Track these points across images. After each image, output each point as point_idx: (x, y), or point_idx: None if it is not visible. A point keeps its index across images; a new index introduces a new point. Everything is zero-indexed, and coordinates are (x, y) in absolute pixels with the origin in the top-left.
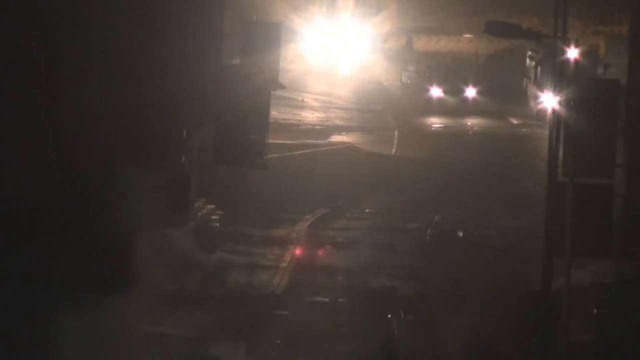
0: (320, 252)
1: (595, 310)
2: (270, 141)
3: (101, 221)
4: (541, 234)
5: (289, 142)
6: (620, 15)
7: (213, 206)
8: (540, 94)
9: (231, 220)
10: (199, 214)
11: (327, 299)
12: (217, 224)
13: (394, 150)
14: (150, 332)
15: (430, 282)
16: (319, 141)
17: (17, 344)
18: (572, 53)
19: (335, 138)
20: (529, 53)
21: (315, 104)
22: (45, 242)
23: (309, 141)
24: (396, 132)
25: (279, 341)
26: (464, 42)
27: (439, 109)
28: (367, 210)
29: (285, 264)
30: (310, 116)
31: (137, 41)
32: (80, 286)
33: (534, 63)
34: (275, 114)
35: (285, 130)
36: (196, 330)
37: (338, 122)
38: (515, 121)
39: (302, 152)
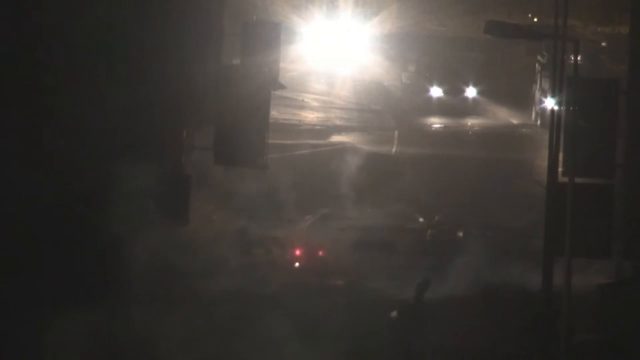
0: (320, 253)
1: (595, 310)
2: (270, 141)
3: (100, 221)
4: (541, 234)
5: (289, 142)
6: (620, 15)
7: (213, 206)
8: (543, 99)
9: (231, 221)
10: (199, 214)
11: (325, 299)
12: (217, 224)
13: (394, 150)
14: (148, 332)
15: (429, 282)
16: (319, 141)
17: (15, 343)
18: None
19: (336, 138)
20: (538, 57)
21: (315, 104)
22: (43, 242)
23: (309, 141)
24: (396, 132)
25: (277, 341)
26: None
27: (439, 109)
28: (367, 210)
29: (285, 264)
30: (311, 116)
31: (137, 41)
32: (79, 286)
33: (539, 67)
34: (275, 114)
35: (285, 130)
36: (195, 329)
37: (338, 122)
38: (515, 122)
39: (302, 152)
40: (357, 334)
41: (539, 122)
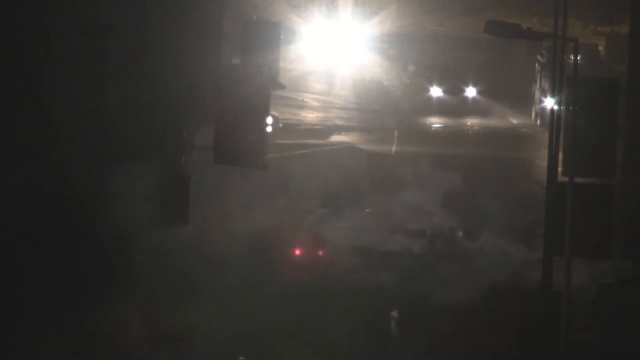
0: (319, 253)
1: (595, 310)
2: (270, 141)
3: (100, 222)
4: (541, 234)
5: (289, 142)
6: (620, 15)
7: (213, 206)
8: (543, 99)
9: (231, 221)
10: (199, 214)
11: (324, 299)
12: (217, 224)
13: (394, 150)
14: (148, 332)
15: (429, 282)
16: (319, 141)
17: (13, 345)
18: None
19: (336, 138)
20: (538, 57)
21: (315, 104)
22: (44, 243)
23: (309, 141)
24: (396, 132)
25: (275, 338)
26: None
27: (439, 109)
28: (367, 211)
29: (284, 264)
30: (311, 116)
31: (137, 41)
32: (79, 287)
33: (539, 67)
34: (275, 114)
35: (285, 131)
36: (194, 329)
37: (338, 122)
38: (515, 122)
39: (302, 152)
40: (358, 333)
41: (539, 122)
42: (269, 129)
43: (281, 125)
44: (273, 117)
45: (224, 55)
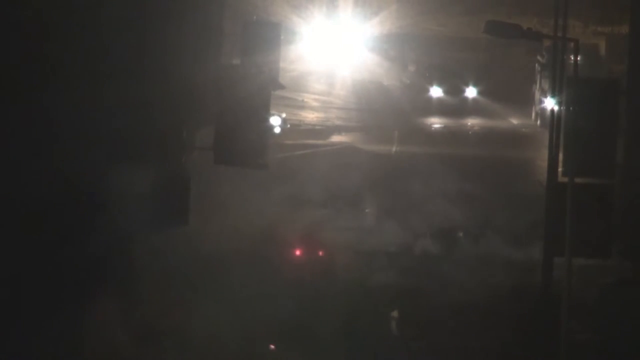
0: (320, 253)
1: (595, 310)
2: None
3: (99, 222)
4: (541, 233)
5: (289, 142)
6: (620, 15)
7: (213, 206)
8: (543, 99)
9: (231, 221)
10: (199, 214)
11: (323, 299)
12: (217, 225)
13: (394, 150)
14: (147, 331)
15: (429, 282)
16: (319, 141)
17: (13, 345)
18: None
19: (335, 138)
20: (538, 57)
21: (315, 104)
22: (43, 243)
23: (309, 141)
24: (396, 132)
25: (274, 338)
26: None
27: (439, 109)
28: (367, 211)
29: (284, 264)
30: (310, 116)
31: (137, 41)
32: (78, 287)
33: (539, 67)
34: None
35: (285, 130)
36: (193, 328)
37: (338, 122)
38: (515, 122)
39: (302, 152)
40: (357, 333)
41: (539, 122)
42: (277, 130)
43: (288, 126)
44: (281, 118)
45: (224, 55)
